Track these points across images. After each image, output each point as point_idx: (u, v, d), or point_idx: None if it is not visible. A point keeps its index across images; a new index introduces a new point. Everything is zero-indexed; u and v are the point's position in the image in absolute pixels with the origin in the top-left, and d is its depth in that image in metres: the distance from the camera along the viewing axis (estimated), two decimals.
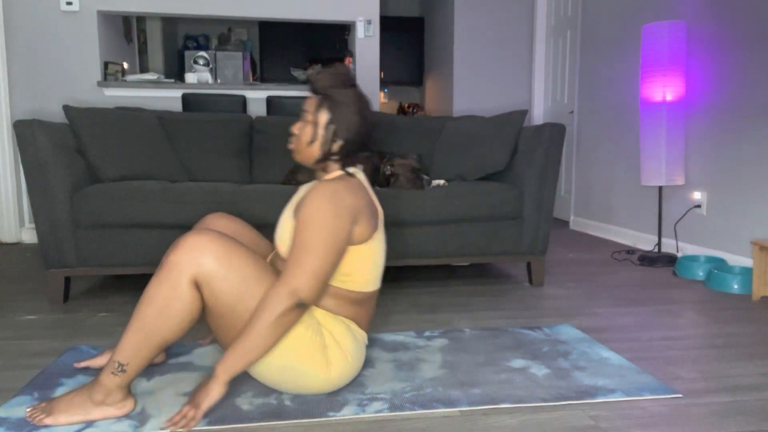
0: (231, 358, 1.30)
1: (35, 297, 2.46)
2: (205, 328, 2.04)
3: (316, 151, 1.47)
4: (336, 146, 1.46)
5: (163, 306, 1.28)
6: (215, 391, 1.30)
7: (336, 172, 1.52)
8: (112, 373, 1.30)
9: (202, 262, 1.28)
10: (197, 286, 1.30)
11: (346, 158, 1.50)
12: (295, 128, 1.50)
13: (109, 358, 1.32)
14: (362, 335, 1.53)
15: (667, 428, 1.32)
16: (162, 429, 1.29)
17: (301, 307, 1.32)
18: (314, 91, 1.47)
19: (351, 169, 1.52)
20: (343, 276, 1.45)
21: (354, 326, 1.50)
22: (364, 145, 1.51)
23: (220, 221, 1.67)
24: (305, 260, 1.33)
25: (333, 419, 1.35)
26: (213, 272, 1.29)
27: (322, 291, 1.37)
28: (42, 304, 2.36)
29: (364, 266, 1.47)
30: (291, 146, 1.52)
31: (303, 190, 1.59)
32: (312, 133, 1.46)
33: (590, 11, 4.36)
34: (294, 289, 1.31)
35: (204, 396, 1.30)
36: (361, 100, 1.47)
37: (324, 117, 1.45)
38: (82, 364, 1.63)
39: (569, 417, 1.37)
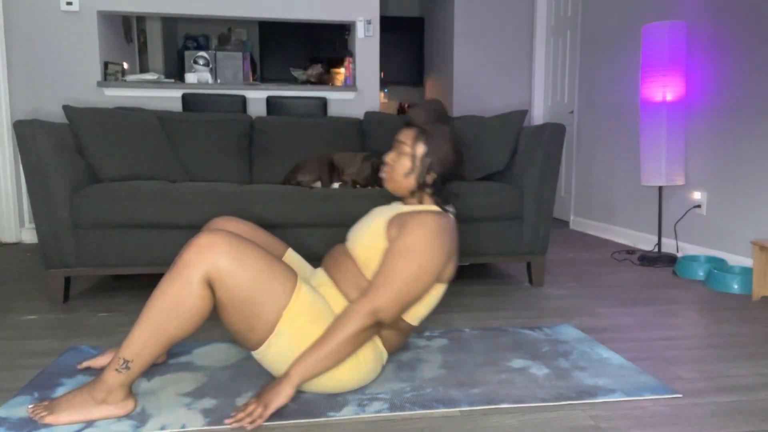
0: (306, 362, 1.35)
1: (35, 297, 2.46)
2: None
3: (411, 182, 1.56)
4: (430, 178, 1.56)
5: (175, 303, 1.29)
6: (286, 392, 1.34)
7: (433, 206, 1.57)
8: (116, 370, 1.30)
9: (215, 261, 1.29)
10: (210, 284, 1.31)
11: (438, 190, 1.58)
12: (389, 158, 1.59)
13: (113, 356, 1.32)
14: (383, 353, 1.54)
15: (667, 428, 1.32)
16: (225, 425, 1.31)
17: (377, 327, 1.40)
18: (412, 124, 1.57)
19: (449, 207, 1.61)
20: None
21: (379, 342, 1.52)
22: (454, 178, 1.60)
23: (229, 223, 1.68)
24: (395, 286, 1.40)
25: (333, 419, 1.35)
26: (226, 270, 1.30)
27: (401, 315, 1.43)
28: (42, 304, 2.36)
29: (426, 302, 1.53)
30: (384, 175, 1.60)
31: (399, 207, 1.60)
32: (409, 165, 1.55)
33: (590, 11, 4.36)
34: (376, 309, 1.38)
35: (275, 396, 1.33)
36: (456, 137, 1.58)
37: (421, 150, 1.54)
38: (84, 365, 1.63)
39: (569, 417, 1.37)
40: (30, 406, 1.33)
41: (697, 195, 3.19)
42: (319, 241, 2.45)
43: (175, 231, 2.35)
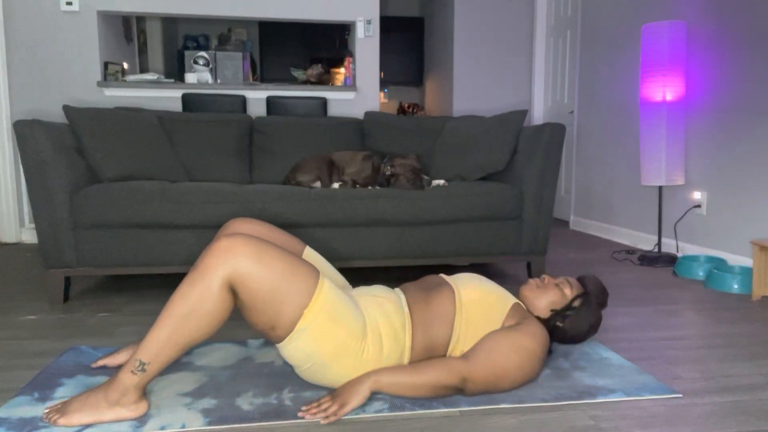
0: (390, 378, 1.40)
1: (35, 297, 2.46)
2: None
3: (545, 312, 1.64)
4: (556, 324, 1.63)
5: (195, 307, 1.29)
6: (362, 395, 1.38)
7: (541, 325, 1.58)
8: (132, 371, 1.30)
9: (236, 264, 1.30)
10: (231, 287, 1.32)
11: (550, 333, 1.65)
12: (550, 281, 1.68)
13: (129, 356, 1.33)
14: (405, 357, 1.52)
15: (667, 428, 1.32)
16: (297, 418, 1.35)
17: (458, 391, 1.43)
18: (584, 286, 1.68)
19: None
20: (461, 347, 1.52)
21: (407, 356, 1.50)
22: (563, 342, 1.69)
23: (245, 225, 1.69)
24: (494, 370, 1.43)
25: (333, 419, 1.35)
26: (247, 272, 1.31)
27: (481, 393, 1.46)
28: (42, 304, 2.36)
29: (488, 374, 1.49)
30: (534, 284, 1.67)
31: (511, 297, 1.64)
32: (558, 303, 1.64)
33: (590, 11, 4.36)
34: (469, 378, 1.41)
35: (354, 395, 1.37)
36: (598, 324, 1.67)
37: (576, 304, 1.64)
38: (99, 363, 1.63)
39: (569, 417, 1.37)
40: (45, 411, 1.33)
41: (697, 195, 3.19)
42: (319, 241, 2.45)
43: (175, 231, 2.35)
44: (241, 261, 1.31)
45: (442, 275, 1.68)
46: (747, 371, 1.66)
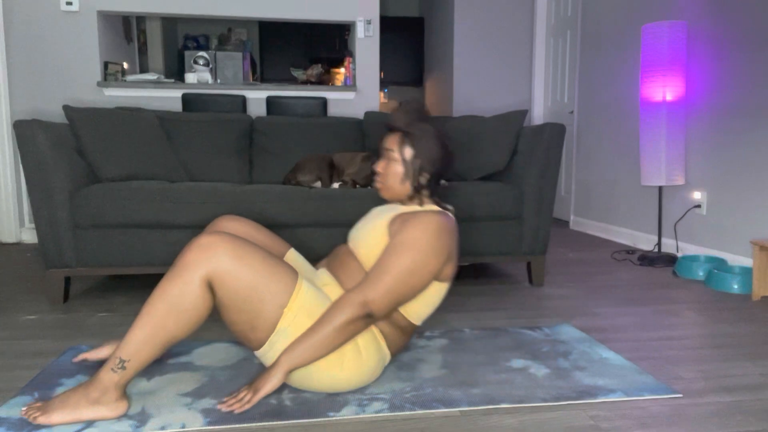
0: (296, 350, 1.36)
1: (35, 297, 2.46)
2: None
3: (407, 187, 1.56)
4: (423, 179, 1.55)
5: (174, 304, 1.30)
6: (276, 379, 1.36)
7: (433, 206, 1.57)
8: (112, 369, 1.30)
9: (215, 261, 1.31)
10: (210, 285, 1.32)
11: (434, 190, 1.59)
12: (379, 167, 1.58)
13: (111, 354, 1.33)
14: (386, 354, 1.53)
15: (667, 428, 1.32)
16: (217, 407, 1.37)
17: (368, 319, 1.39)
18: (394, 128, 1.54)
19: (448, 206, 1.61)
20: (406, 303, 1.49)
21: (383, 343, 1.51)
22: (446, 174, 1.59)
23: (232, 223, 1.68)
24: (388, 279, 1.40)
25: (333, 419, 1.35)
26: (227, 270, 1.31)
27: (392, 312, 1.43)
28: (42, 304, 2.36)
29: (427, 301, 1.53)
30: (378, 185, 1.60)
31: (400, 207, 1.60)
32: (402, 171, 1.55)
33: (590, 11, 4.36)
34: (368, 301, 1.38)
35: (265, 382, 1.36)
36: (440, 132, 1.57)
37: (409, 153, 1.54)
38: (79, 358, 1.62)
39: (569, 417, 1.37)
40: (23, 408, 1.33)
41: (697, 195, 3.19)
42: (319, 241, 2.45)
43: (175, 231, 2.35)
44: (221, 259, 1.31)
45: (345, 245, 1.63)
46: (747, 371, 1.66)
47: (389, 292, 1.40)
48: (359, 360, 1.44)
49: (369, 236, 1.53)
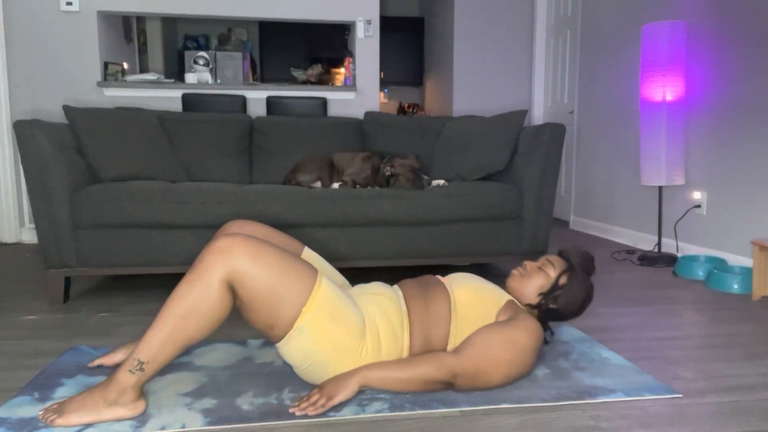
0: (379, 372, 1.40)
1: (35, 297, 2.46)
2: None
3: (535, 299, 1.62)
4: (551, 305, 1.62)
5: (194, 305, 1.30)
6: (350, 389, 1.38)
7: (534, 319, 1.57)
8: (130, 371, 1.31)
9: (234, 263, 1.31)
10: (230, 286, 1.33)
11: (545, 316, 1.65)
12: (530, 266, 1.66)
13: (129, 355, 1.33)
14: (404, 351, 1.52)
15: (667, 428, 1.32)
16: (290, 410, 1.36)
17: (448, 386, 1.44)
18: (565, 257, 1.66)
19: (551, 329, 1.73)
20: (457, 339, 1.52)
21: (405, 355, 1.50)
22: (562, 320, 1.67)
23: (245, 227, 1.70)
24: (484, 364, 1.43)
25: (333, 419, 1.35)
26: (246, 271, 1.32)
27: (472, 388, 1.46)
28: (42, 304, 2.36)
29: (484, 373, 1.48)
30: (516, 275, 1.66)
31: (506, 294, 1.64)
32: (546, 287, 1.62)
33: (590, 11, 4.36)
34: (459, 373, 1.42)
35: (341, 389, 1.37)
36: (591, 292, 1.65)
37: (562, 281, 1.62)
38: (96, 363, 1.63)
39: (569, 417, 1.37)
40: (40, 411, 1.33)
41: (697, 195, 3.19)
42: (319, 241, 2.45)
43: (175, 231, 2.35)
44: (240, 260, 1.31)
45: (438, 276, 1.68)
46: (747, 371, 1.66)
47: (478, 375, 1.43)
48: (377, 348, 1.45)
49: (475, 291, 1.57)
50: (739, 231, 2.90)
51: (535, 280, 1.63)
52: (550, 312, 1.63)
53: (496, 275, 2.92)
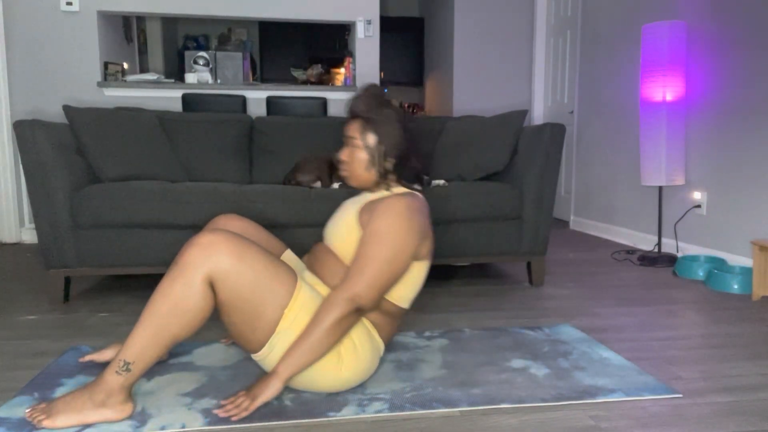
0: (293, 357, 1.35)
1: (35, 297, 2.46)
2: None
3: (373, 174, 1.55)
4: (389, 164, 1.55)
5: (176, 303, 1.29)
6: (274, 387, 1.35)
7: (402, 188, 1.57)
8: (117, 372, 1.30)
9: (217, 260, 1.30)
10: (211, 284, 1.31)
11: (401, 173, 1.58)
12: (344, 155, 1.57)
13: (115, 356, 1.32)
14: (380, 344, 1.54)
15: (667, 428, 1.32)
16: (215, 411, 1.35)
17: (359, 313, 1.39)
18: (355, 115, 1.55)
19: (416, 186, 1.62)
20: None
21: (375, 333, 1.52)
22: (413, 156, 1.59)
23: (231, 222, 1.68)
24: (370, 271, 1.39)
25: (333, 419, 1.35)
26: (227, 269, 1.31)
27: (380, 299, 1.42)
28: (42, 304, 2.36)
29: (408, 283, 1.52)
30: (344, 173, 1.58)
31: (368, 196, 1.60)
32: (366, 158, 1.53)
33: (590, 11, 4.36)
34: (354, 296, 1.37)
35: (263, 389, 1.34)
36: (402, 116, 1.56)
37: (372, 139, 1.53)
38: (87, 358, 1.63)
39: (569, 417, 1.37)
40: (27, 410, 1.33)
41: (697, 195, 3.19)
42: (319, 241, 2.45)
43: (175, 231, 2.35)
44: (222, 258, 1.30)
45: (320, 244, 1.62)
46: (747, 371, 1.66)
47: (374, 283, 1.39)
48: (356, 355, 1.44)
49: (342, 230, 1.53)
50: (739, 231, 2.90)
51: (355, 159, 1.54)
52: (397, 168, 1.55)
53: (496, 275, 2.92)
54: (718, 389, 1.53)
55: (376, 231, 1.42)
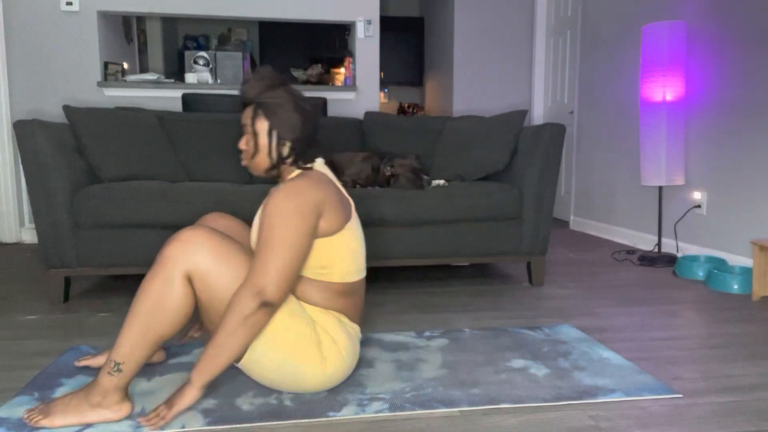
0: (204, 362, 1.31)
1: (35, 297, 2.46)
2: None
3: (266, 160, 1.47)
4: (285, 149, 1.46)
5: (157, 301, 1.29)
6: (189, 396, 1.32)
7: (295, 172, 1.51)
8: (109, 373, 1.30)
9: (196, 257, 1.29)
10: (190, 280, 1.31)
11: (300, 157, 1.49)
12: (242, 144, 1.48)
13: (107, 357, 1.32)
14: (354, 329, 1.53)
15: (667, 428, 1.32)
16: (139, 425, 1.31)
17: (267, 307, 1.30)
18: (246, 101, 1.46)
19: (309, 164, 1.51)
20: (320, 269, 1.44)
21: (345, 320, 1.50)
22: (314, 139, 1.50)
23: (219, 220, 1.68)
24: (268, 260, 1.31)
25: (333, 419, 1.35)
26: (206, 267, 1.30)
27: (289, 289, 1.35)
28: (42, 304, 2.36)
29: (342, 257, 1.46)
30: (244, 163, 1.51)
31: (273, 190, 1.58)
32: (258, 144, 1.45)
33: (590, 11, 4.36)
34: (259, 290, 1.29)
35: (179, 399, 1.32)
36: (295, 96, 1.46)
37: (264, 125, 1.44)
38: (82, 363, 1.63)
39: (569, 417, 1.37)
40: (25, 411, 1.33)
41: (697, 195, 3.19)
42: None
43: (175, 231, 2.35)
44: (201, 256, 1.30)
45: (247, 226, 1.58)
46: (747, 371, 1.66)
47: (277, 272, 1.31)
48: (337, 348, 1.43)
49: (255, 229, 1.49)
50: (739, 231, 2.90)
51: (250, 148, 1.47)
52: (294, 149, 1.46)
53: (496, 275, 2.92)
54: (718, 389, 1.53)
55: (268, 221, 1.34)
